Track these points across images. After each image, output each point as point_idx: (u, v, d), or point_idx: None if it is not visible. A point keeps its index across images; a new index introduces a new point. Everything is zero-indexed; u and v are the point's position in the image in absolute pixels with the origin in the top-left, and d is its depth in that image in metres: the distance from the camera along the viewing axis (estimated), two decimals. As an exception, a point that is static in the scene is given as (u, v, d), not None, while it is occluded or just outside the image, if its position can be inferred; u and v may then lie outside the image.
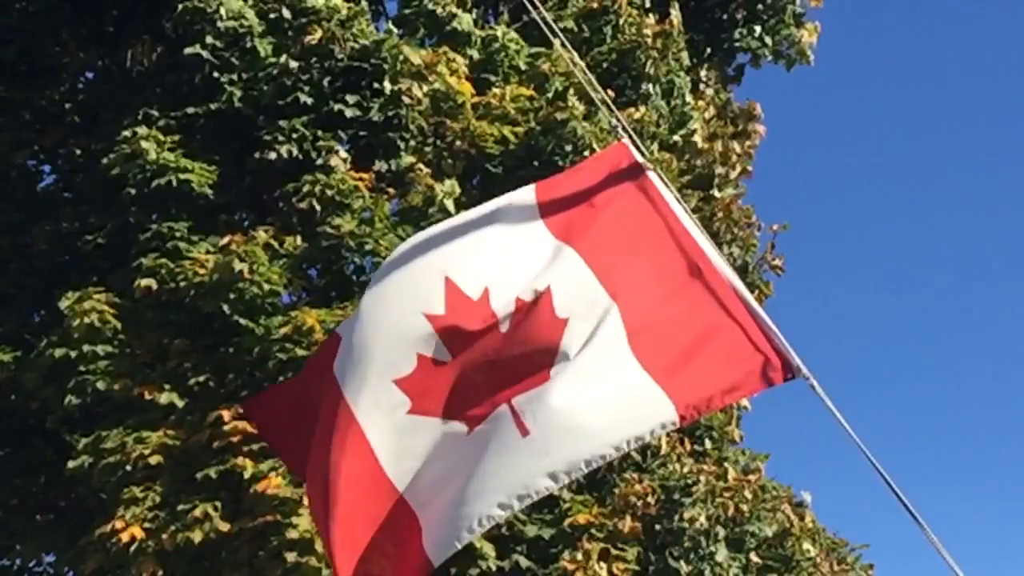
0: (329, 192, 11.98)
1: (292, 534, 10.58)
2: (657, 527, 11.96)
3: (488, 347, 5.65)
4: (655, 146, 13.53)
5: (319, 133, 12.29)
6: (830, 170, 37.46)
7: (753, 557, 12.41)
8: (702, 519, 11.88)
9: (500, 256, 5.85)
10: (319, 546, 10.32)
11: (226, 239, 11.77)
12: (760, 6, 16.60)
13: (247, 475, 10.84)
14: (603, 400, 5.44)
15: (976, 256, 36.59)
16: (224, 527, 10.83)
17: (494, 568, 11.31)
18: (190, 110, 12.43)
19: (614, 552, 11.49)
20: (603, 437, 5.38)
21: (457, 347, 5.64)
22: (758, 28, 16.71)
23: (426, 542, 5.34)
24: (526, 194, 6.07)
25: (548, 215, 5.98)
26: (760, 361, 5.48)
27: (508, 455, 5.35)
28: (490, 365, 5.59)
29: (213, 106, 12.41)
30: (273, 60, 12.52)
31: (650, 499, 11.89)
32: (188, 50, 12.38)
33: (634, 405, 5.44)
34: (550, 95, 13.35)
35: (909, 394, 36.80)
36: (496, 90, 13.37)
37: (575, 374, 5.50)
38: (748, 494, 12.42)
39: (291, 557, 10.57)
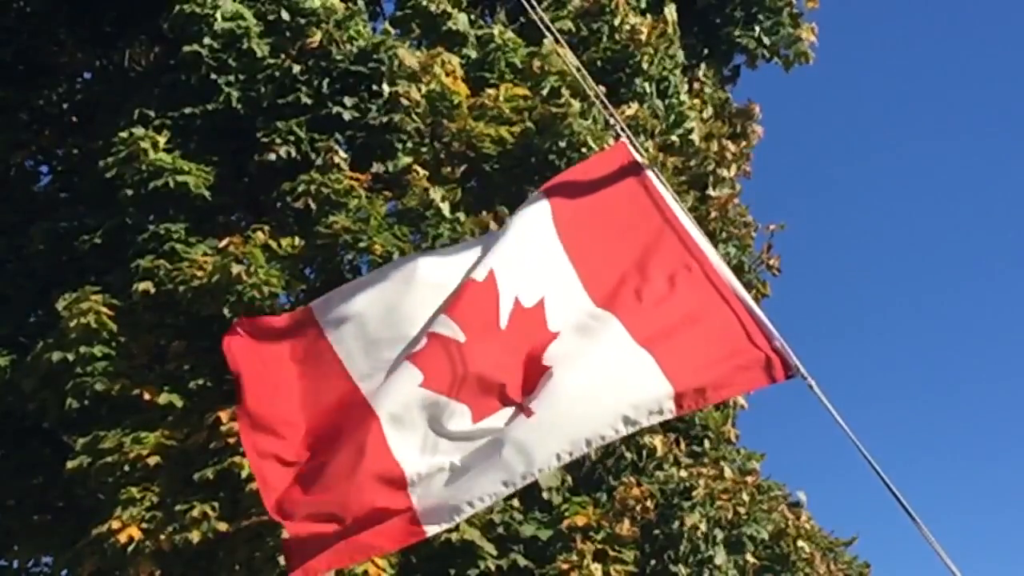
0: (325, 191, 12.00)
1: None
2: (656, 532, 11.97)
3: (491, 339, 5.70)
4: (650, 144, 13.56)
5: (316, 135, 12.31)
6: (826, 170, 37.50)
7: (749, 558, 12.42)
8: (701, 525, 11.88)
9: (505, 242, 5.94)
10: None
11: (224, 241, 11.78)
12: (757, 7, 16.62)
13: (244, 475, 10.85)
14: (605, 385, 5.52)
15: (974, 256, 36.64)
16: (222, 527, 10.84)
17: (492, 568, 11.33)
18: (187, 111, 12.43)
19: (612, 554, 11.50)
20: (604, 419, 5.46)
21: (467, 326, 5.69)
22: (756, 29, 16.73)
23: (419, 510, 5.36)
24: (536, 196, 6.16)
25: (555, 212, 6.05)
26: (761, 358, 5.55)
27: (512, 435, 5.41)
28: (494, 361, 5.64)
29: (210, 107, 12.42)
30: (271, 61, 12.53)
31: (648, 504, 11.90)
32: (186, 48, 12.39)
33: (635, 391, 5.51)
34: (545, 93, 13.38)
35: (906, 393, 36.84)
36: (491, 90, 13.39)
37: (577, 365, 5.57)
38: (745, 496, 12.44)
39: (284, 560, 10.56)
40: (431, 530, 5.41)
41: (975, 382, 35.84)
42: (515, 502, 11.72)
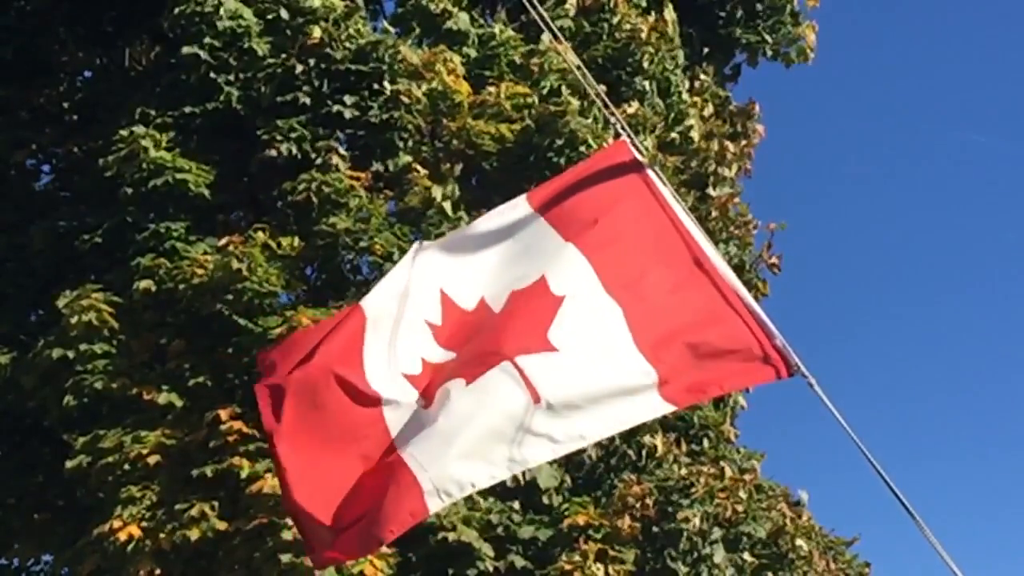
0: (326, 190, 12.00)
1: (287, 535, 10.56)
2: (655, 529, 11.97)
3: (486, 330, 5.72)
4: (649, 142, 13.56)
5: (320, 131, 12.31)
6: (826, 169, 37.52)
7: (747, 556, 12.43)
8: (695, 520, 11.89)
9: (496, 267, 5.93)
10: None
11: (224, 240, 11.78)
12: (759, 5, 16.63)
13: (243, 475, 10.85)
14: (604, 381, 5.52)
15: (975, 255, 36.64)
16: (221, 526, 10.84)
17: (491, 568, 11.32)
18: (188, 110, 12.43)
19: (612, 553, 11.50)
20: (603, 415, 5.47)
21: (459, 345, 5.69)
22: (757, 26, 16.73)
23: (424, 485, 5.34)
24: (519, 203, 6.14)
25: (547, 212, 6.04)
26: (762, 355, 5.56)
27: (519, 417, 5.40)
28: (488, 334, 5.64)
29: (211, 106, 12.42)
30: (271, 60, 12.53)
31: (648, 501, 11.90)
32: (186, 49, 12.39)
33: (632, 388, 5.51)
34: (545, 91, 13.39)
35: (907, 393, 36.84)
36: (491, 88, 13.40)
37: (580, 353, 5.57)
38: (743, 494, 12.44)
39: (286, 558, 10.57)
40: (433, 506, 5.38)
41: (976, 382, 35.88)
42: (514, 503, 11.73)
